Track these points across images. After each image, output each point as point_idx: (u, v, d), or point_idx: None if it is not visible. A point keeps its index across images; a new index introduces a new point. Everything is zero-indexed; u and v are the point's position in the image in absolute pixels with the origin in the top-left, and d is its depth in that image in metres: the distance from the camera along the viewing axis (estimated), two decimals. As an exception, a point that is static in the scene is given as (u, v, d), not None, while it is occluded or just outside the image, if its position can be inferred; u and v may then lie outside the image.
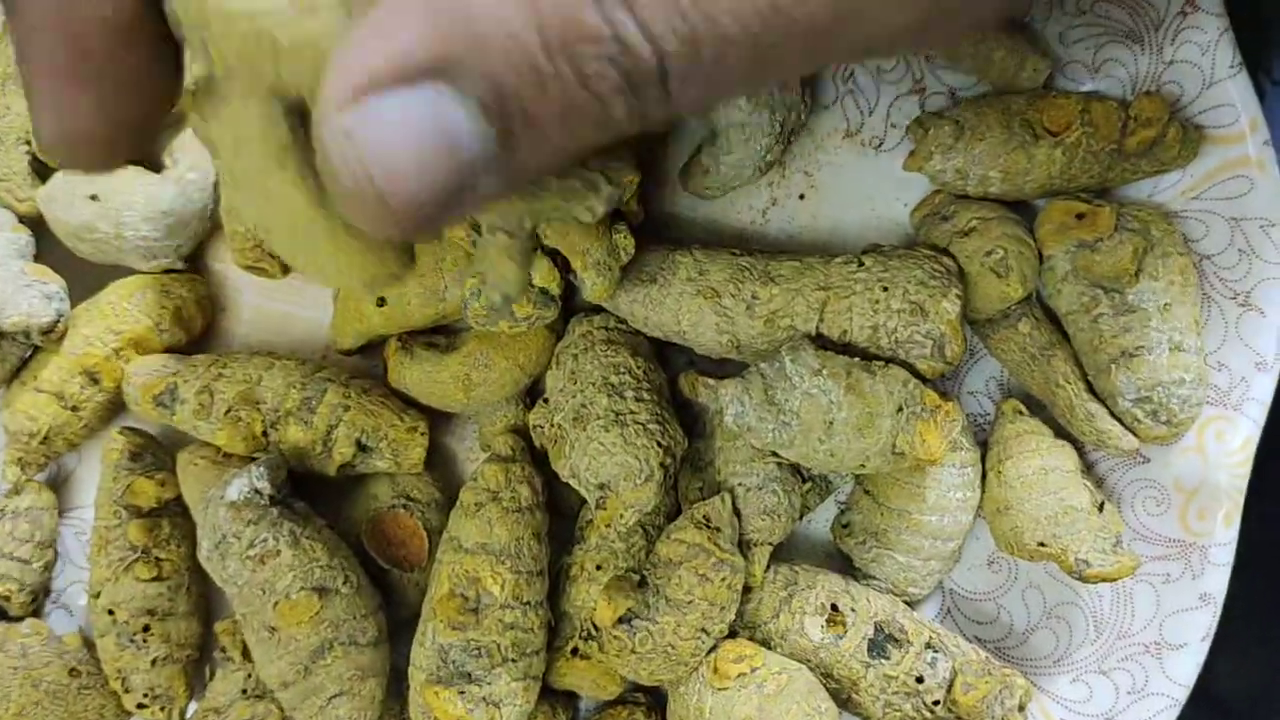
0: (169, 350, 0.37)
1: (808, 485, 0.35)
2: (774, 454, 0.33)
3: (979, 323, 0.35)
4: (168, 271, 0.37)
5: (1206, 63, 0.32)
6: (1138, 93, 0.33)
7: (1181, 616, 0.33)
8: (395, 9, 0.17)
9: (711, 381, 0.33)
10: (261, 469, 0.33)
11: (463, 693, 0.33)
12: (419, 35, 0.16)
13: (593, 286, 0.32)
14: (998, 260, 0.33)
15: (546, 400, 0.35)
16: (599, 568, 0.35)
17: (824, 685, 0.33)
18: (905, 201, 0.36)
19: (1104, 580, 0.32)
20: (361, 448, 0.35)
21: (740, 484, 0.34)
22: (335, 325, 0.36)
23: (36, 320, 0.35)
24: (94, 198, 0.35)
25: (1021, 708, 0.32)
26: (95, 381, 0.36)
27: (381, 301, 0.35)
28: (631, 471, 0.32)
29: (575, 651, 0.35)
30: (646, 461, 0.32)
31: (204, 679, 0.38)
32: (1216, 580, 0.33)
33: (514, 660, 0.33)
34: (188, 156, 0.36)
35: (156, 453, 0.37)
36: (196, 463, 0.36)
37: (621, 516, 0.32)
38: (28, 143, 0.37)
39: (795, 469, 0.34)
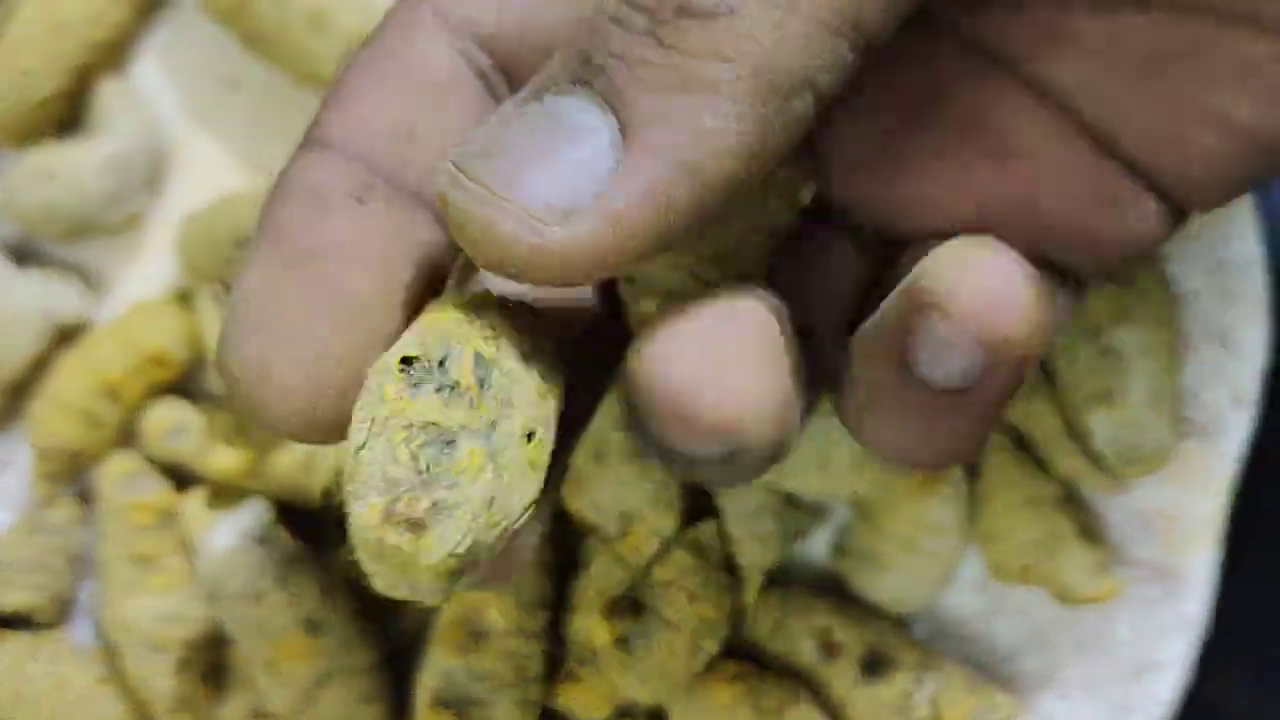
0: (186, 370, 0.39)
1: (802, 512, 0.36)
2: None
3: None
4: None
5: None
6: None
7: (1162, 638, 0.35)
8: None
9: None
10: (248, 512, 0.35)
11: (461, 715, 0.34)
12: None
13: None
14: None
15: None
16: (600, 594, 0.36)
17: (816, 704, 0.35)
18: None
19: (1090, 602, 0.34)
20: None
21: (734, 510, 0.35)
22: None
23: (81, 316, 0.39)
24: (48, 176, 0.38)
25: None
26: (117, 398, 0.38)
27: None
28: (654, 500, 0.34)
29: (568, 675, 0.36)
30: (666, 489, 0.34)
31: (223, 683, 0.39)
32: (1196, 604, 0.34)
33: (514, 686, 0.35)
34: (110, 112, 0.39)
35: (154, 475, 0.38)
36: (195, 507, 0.38)
37: (645, 543, 0.34)
38: None
39: (789, 496, 0.36)
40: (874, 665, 0.35)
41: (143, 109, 0.40)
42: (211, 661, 0.38)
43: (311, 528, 0.39)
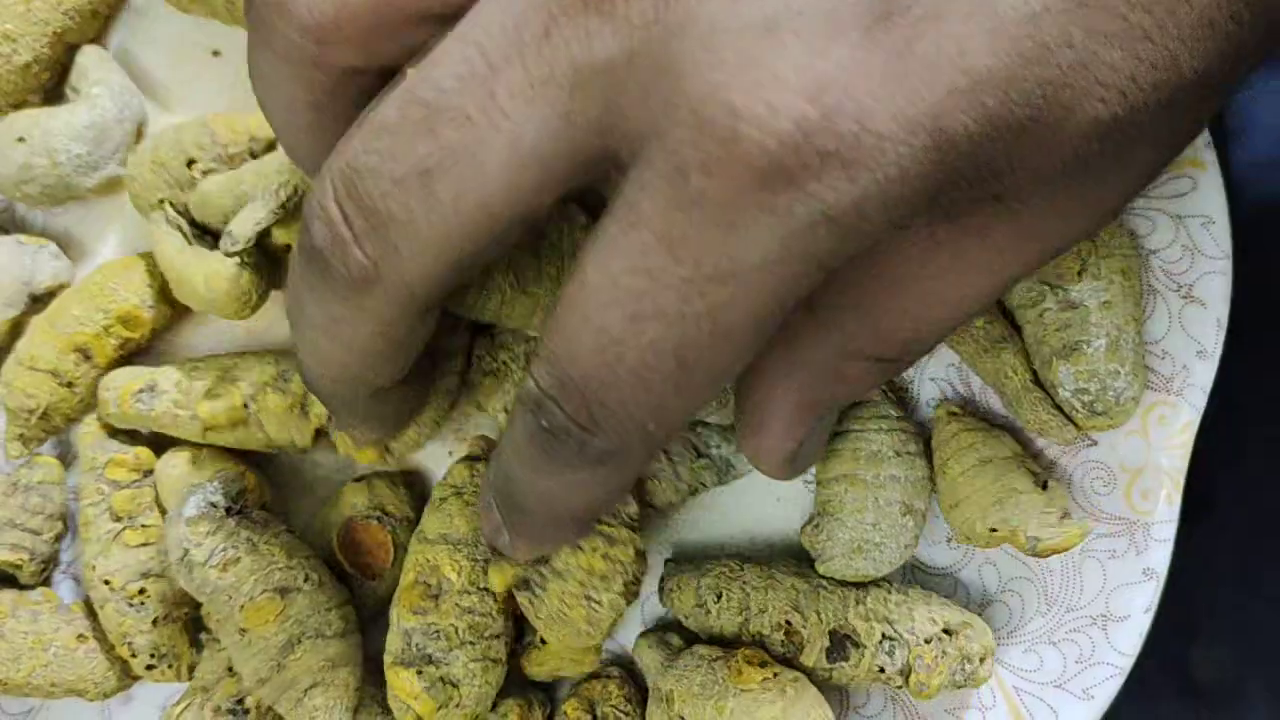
0: (154, 329, 0.39)
1: (703, 461, 0.37)
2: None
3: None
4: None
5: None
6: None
7: (1126, 590, 0.35)
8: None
9: None
10: (215, 484, 0.36)
11: (420, 672, 0.35)
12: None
13: None
14: None
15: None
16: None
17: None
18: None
19: (1057, 551, 0.34)
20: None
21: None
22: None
23: (60, 280, 0.40)
24: (21, 139, 0.38)
25: (983, 660, 0.35)
26: (88, 358, 0.39)
27: None
28: None
29: (544, 641, 0.37)
30: None
31: (200, 643, 0.40)
32: (1159, 555, 0.35)
33: (471, 643, 0.35)
34: (87, 80, 0.39)
35: (128, 433, 0.39)
36: (171, 472, 0.38)
37: None
38: None
39: (690, 443, 0.37)
40: (839, 648, 0.35)
41: (121, 76, 0.40)
42: (190, 616, 0.39)
43: (294, 478, 0.40)
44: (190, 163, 0.36)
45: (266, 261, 0.37)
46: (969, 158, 0.20)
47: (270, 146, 0.37)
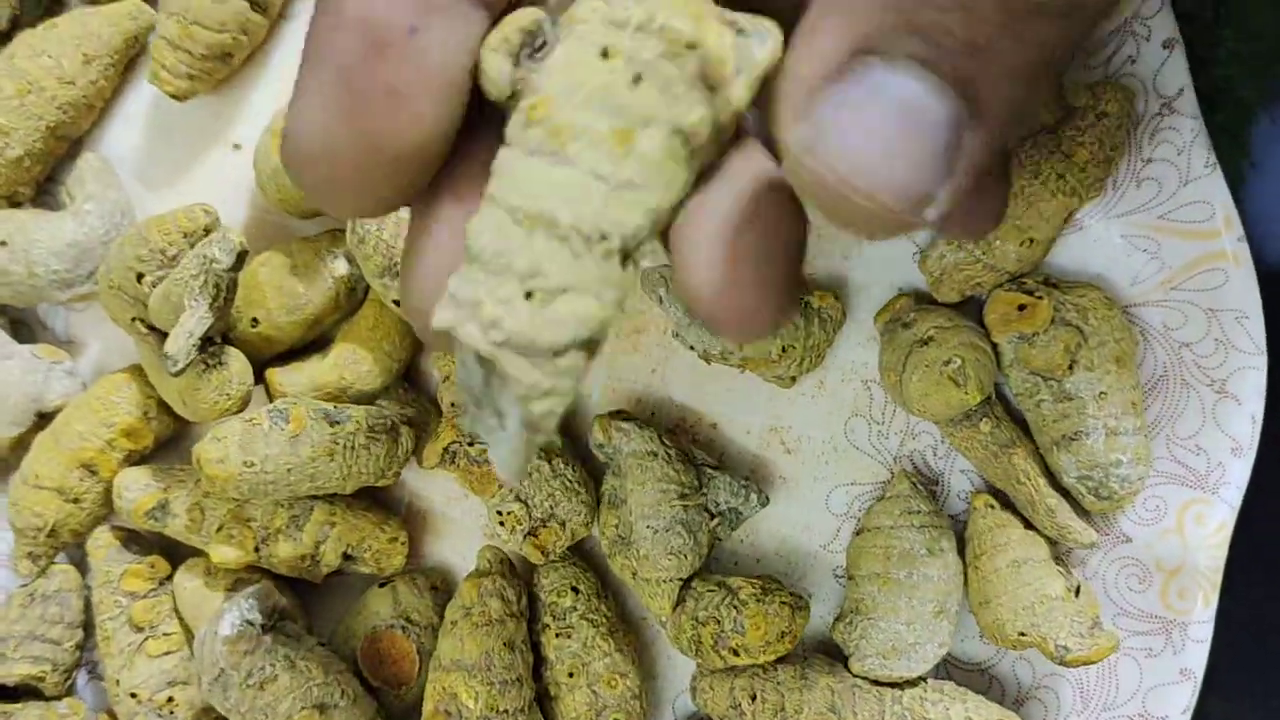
0: (159, 438, 0.39)
1: (716, 520, 0.37)
2: (679, 489, 0.36)
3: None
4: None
5: (1183, 162, 0.34)
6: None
7: (1163, 690, 0.35)
8: (814, 29, 0.16)
9: (624, 425, 0.36)
10: (251, 600, 0.35)
11: None
12: (839, 37, 0.16)
13: None
14: (955, 370, 0.34)
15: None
16: (571, 675, 0.37)
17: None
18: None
19: (1084, 663, 0.34)
20: (347, 558, 0.38)
21: (648, 526, 0.36)
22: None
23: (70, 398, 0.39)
24: (2, 243, 0.38)
25: None
26: (93, 473, 0.38)
27: (254, 322, 0.37)
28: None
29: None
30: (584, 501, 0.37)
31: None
32: (1196, 656, 0.34)
33: None
34: (83, 191, 0.39)
35: (140, 540, 0.39)
36: (189, 585, 0.38)
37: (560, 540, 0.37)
38: None
39: (703, 506, 0.36)
40: None
41: (118, 191, 0.39)
42: (218, 720, 0.38)
43: (314, 601, 0.39)
44: (140, 277, 0.35)
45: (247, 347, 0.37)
46: None
47: (194, 239, 0.36)
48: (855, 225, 0.17)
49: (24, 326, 0.41)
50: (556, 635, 0.37)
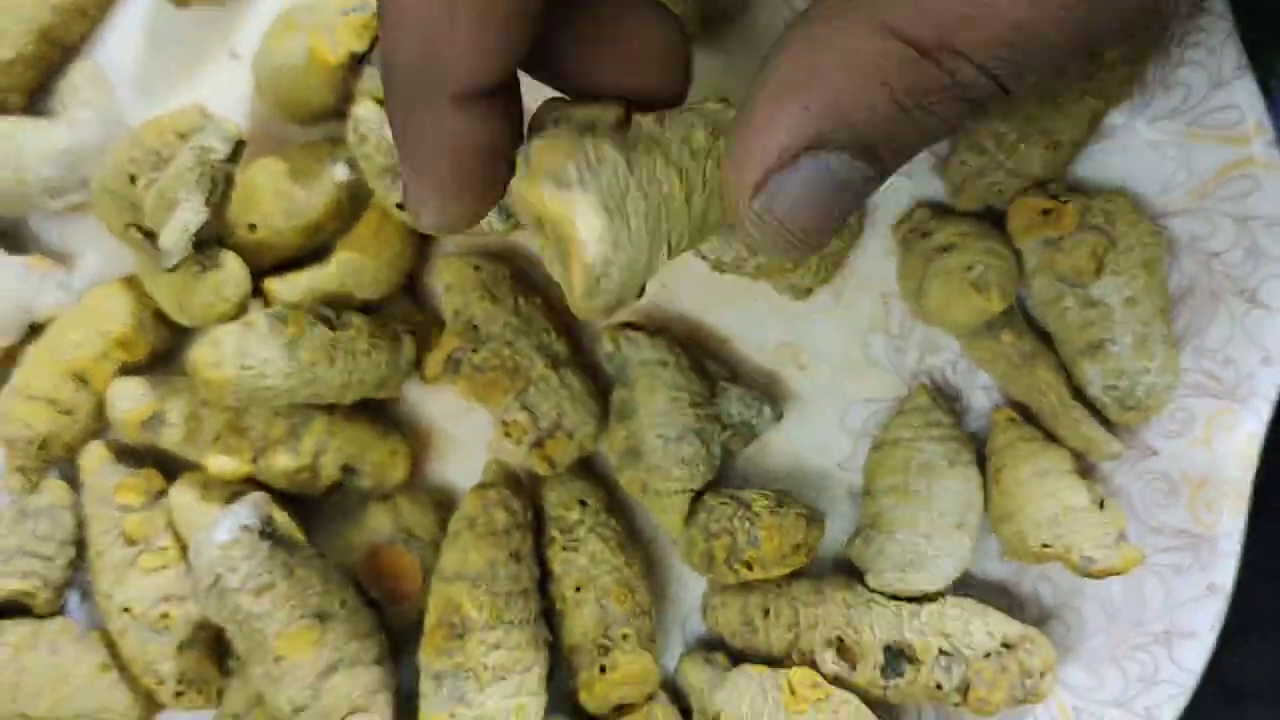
0: (154, 350, 0.38)
1: (728, 432, 0.36)
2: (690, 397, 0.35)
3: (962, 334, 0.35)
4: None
5: (1213, 64, 0.33)
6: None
7: (1191, 606, 0.34)
8: (768, 114, 0.21)
9: (634, 334, 0.35)
10: (247, 506, 0.34)
11: (453, 715, 0.34)
12: (794, 128, 0.21)
13: None
14: (978, 275, 0.33)
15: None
16: (578, 589, 0.36)
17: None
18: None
19: (1110, 574, 0.33)
20: (347, 470, 0.37)
21: (659, 436, 0.35)
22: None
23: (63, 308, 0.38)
24: None
25: (1044, 675, 0.33)
26: (85, 384, 0.37)
27: (252, 228, 0.36)
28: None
29: (603, 669, 0.35)
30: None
31: (227, 665, 0.38)
32: (1225, 570, 0.33)
33: (503, 679, 0.34)
34: (76, 98, 0.37)
35: (135, 455, 0.38)
36: (184, 499, 0.37)
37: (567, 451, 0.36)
38: None
39: (715, 417, 0.35)
40: (894, 664, 0.34)
41: (111, 100, 0.38)
42: (215, 637, 0.37)
43: (313, 516, 0.38)
44: (133, 179, 0.34)
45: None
46: None
47: (190, 140, 0.34)
48: (775, 253, 0.23)
49: (16, 240, 0.40)
50: (564, 549, 0.36)
